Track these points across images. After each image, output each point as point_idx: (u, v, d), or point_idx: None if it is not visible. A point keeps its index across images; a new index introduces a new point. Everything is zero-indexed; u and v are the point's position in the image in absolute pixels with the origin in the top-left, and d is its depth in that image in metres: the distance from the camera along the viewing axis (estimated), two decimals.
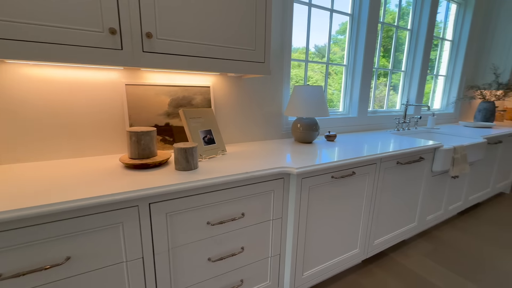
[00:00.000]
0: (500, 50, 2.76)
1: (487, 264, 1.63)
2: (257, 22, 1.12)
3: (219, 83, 1.40)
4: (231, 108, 1.47)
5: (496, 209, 2.41)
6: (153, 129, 1.03)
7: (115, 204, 0.77)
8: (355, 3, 1.96)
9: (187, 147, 0.96)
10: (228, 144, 1.49)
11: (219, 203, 0.97)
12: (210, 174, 0.93)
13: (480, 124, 2.57)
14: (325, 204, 1.24)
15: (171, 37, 0.95)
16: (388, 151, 1.37)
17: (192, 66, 1.00)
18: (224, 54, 1.07)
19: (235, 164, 1.07)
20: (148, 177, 0.88)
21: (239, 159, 1.16)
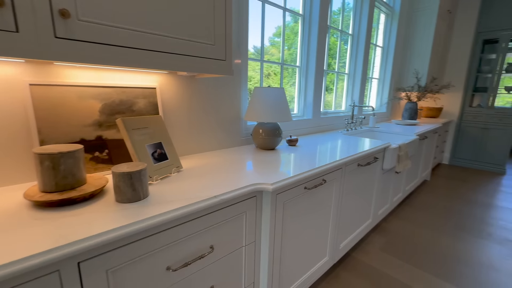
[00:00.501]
0: (419, 57, 3.19)
1: (427, 248, 1.81)
2: (216, 11, 0.92)
3: (168, 83, 1.15)
4: (183, 114, 1.23)
5: (423, 196, 2.77)
6: (78, 147, 0.74)
7: (16, 278, 0.48)
8: (305, 3, 1.93)
9: (132, 170, 0.71)
10: (183, 157, 1.25)
11: (181, 240, 0.75)
12: (166, 204, 0.71)
13: (408, 122, 2.92)
14: (299, 219, 1.13)
15: (101, 20, 0.68)
16: (352, 155, 1.36)
17: (133, 61, 0.75)
18: (177, 48, 0.84)
19: (196, 185, 0.86)
20: (75, 220, 0.61)
21: (200, 176, 0.96)
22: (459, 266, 1.64)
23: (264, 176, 0.98)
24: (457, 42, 3.81)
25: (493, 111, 3.62)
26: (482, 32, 3.60)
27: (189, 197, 0.76)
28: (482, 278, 1.54)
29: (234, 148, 1.47)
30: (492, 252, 1.79)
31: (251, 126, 1.60)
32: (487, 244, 1.89)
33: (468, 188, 3.02)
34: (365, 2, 2.47)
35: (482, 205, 2.55)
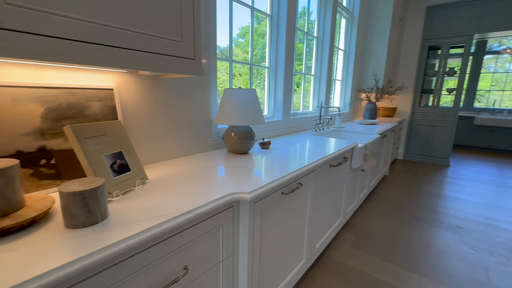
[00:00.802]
0: (377, 60, 3.41)
1: (391, 240, 1.93)
2: (183, 3, 0.83)
3: (128, 84, 1.02)
4: (147, 118, 1.11)
5: (384, 190, 2.97)
6: (12, 162, 0.59)
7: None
8: (273, 4, 1.91)
9: (86, 188, 0.59)
10: (148, 166, 1.12)
11: (150, 266, 0.65)
12: (131, 226, 0.60)
13: (369, 122, 3.10)
14: (277, 225, 1.09)
15: (39, 5, 0.55)
16: (325, 156, 1.37)
17: (82, 57, 0.63)
18: (137, 43, 0.73)
19: (165, 198, 0.77)
20: (8, 258, 0.48)
21: (169, 188, 0.86)
22: (420, 255, 1.76)
23: (240, 183, 0.92)
24: (407, 47, 4.18)
25: (438, 110, 4.04)
26: (427, 39, 4.00)
27: (158, 214, 0.67)
28: (439, 263, 1.67)
29: (205, 153, 1.38)
30: (446, 239, 1.97)
31: (222, 129, 1.52)
32: (440, 232, 2.08)
33: (420, 181, 3.32)
34: (328, 6, 2.55)
35: (433, 196, 2.82)
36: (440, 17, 3.86)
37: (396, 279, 1.53)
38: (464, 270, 1.62)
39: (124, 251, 0.56)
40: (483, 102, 5.72)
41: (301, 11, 2.37)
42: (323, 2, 2.56)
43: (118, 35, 0.69)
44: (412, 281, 1.52)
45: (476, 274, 1.59)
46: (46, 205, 0.63)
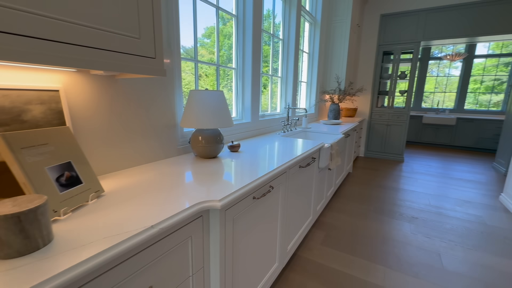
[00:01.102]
0: (338, 63, 3.59)
1: (358, 235, 2.02)
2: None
3: (77, 84, 0.90)
4: (102, 123, 0.99)
5: (349, 187, 3.12)
6: None
7: None
8: (238, 5, 1.88)
9: (22, 210, 0.49)
10: (105, 176, 1.01)
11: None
12: (82, 250, 0.52)
13: (333, 122, 3.24)
14: (249, 232, 1.06)
15: None
16: (294, 157, 1.38)
17: (17, 53, 0.53)
18: (87, 39, 0.65)
19: (125, 213, 0.69)
20: None
21: (129, 200, 0.77)
22: (383, 246, 1.87)
23: (210, 190, 0.87)
24: (365, 52, 4.47)
25: (392, 110, 4.39)
26: (382, 45, 4.32)
27: (115, 233, 0.59)
28: (400, 253, 1.79)
29: (171, 159, 1.29)
30: (404, 230, 2.13)
31: (189, 132, 1.44)
32: (399, 223, 2.24)
33: (380, 176, 3.56)
34: (293, 10, 2.60)
35: (392, 190, 3.04)
36: (392, 25, 4.20)
37: (364, 272, 1.60)
38: (421, 257, 1.76)
39: (74, 281, 0.48)
40: (429, 102, 6.38)
41: (266, 14, 2.38)
42: (288, 5, 2.60)
43: (61, 28, 0.59)
44: (378, 272, 1.60)
45: (431, 260, 1.74)
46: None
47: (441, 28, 3.87)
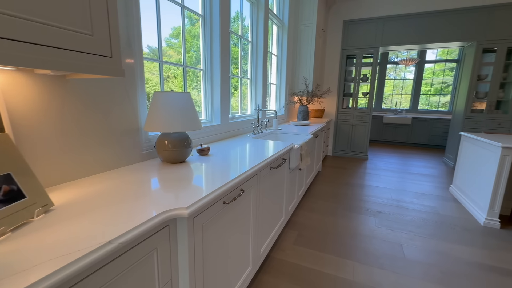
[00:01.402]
0: (306, 66, 3.70)
1: (328, 232, 2.09)
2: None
3: (18, 85, 0.79)
4: (52, 128, 0.89)
5: (319, 185, 3.23)
6: None
7: None
8: (205, 5, 1.84)
9: None
10: (55, 188, 0.90)
11: None
12: (21, 276, 0.45)
13: (303, 123, 3.32)
14: (220, 238, 1.03)
15: None
16: (265, 159, 1.37)
17: None
18: (29, 34, 0.57)
19: (77, 228, 0.62)
20: None
21: (84, 213, 0.70)
22: (352, 242, 1.96)
23: (178, 197, 0.82)
24: (330, 55, 4.67)
25: (356, 111, 4.64)
26: (345, 49, 4.56)
27: (66, 252, 0.52)
28: (367, 247, 1.89)
29: (135, 165, 1.21)
30: (370, 224, 2.25)
31: (154, 136, 1.37)
32: (366, 218, 2.37)
33: (347, 174, 3.74)
34: (260, 13, 2.62)
35: (358, 186, 3.21)
36: (354, 31, 4.45)
37: (335, 268, 1.65)
38: (385, 249, 1.88)
39: None
40: (388, 103, 6.88)
41: (234, 16, 2.37)
42: (256, 8, 2.62)
43: (11, 23, 0.51)
44: (348, 267, 1.66)
45: (394, 251, 1.85)
46: None
47: (396, 35, 4.20)
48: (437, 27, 3.95)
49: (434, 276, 1.59)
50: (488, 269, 1.67)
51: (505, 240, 2.02)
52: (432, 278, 1.58)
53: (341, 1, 4.43)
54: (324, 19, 4.21)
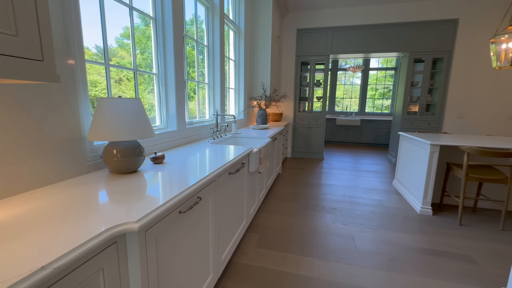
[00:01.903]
0: (263, 72, 3.80)
1: (289, 232, 2.17)
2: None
3: None
4: None
5: (279, 187, 3.32)
6: None
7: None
8: (156, 6, 1.77)
9: None
10: None
11: None
12: None
13: (262, 127, 3.40)
14: (176, 250, 0.99)
15: None
16: (223, 165, 1.37)
17: None
18: None
19: (3, 255, 0.54)
20: None
21: (12, 238, 0.61)
22: (310, 239, 2.06)
23: (129, 210, 0.77)
24: (286, 61, 4.88)
25: (312, 114, 4.92)
26: (300, 56, 4.81)
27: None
28: (324, 243, 2.00)
29: (79, 177, 1.09)
30: (326, 221, 2.39)
31: (101, 146, 1.26)
32: (322, 215, 2.51)
33: (305, 174, 3.93)
34: (216, 17, 2.62)
35: (315, 186, 3.39)
36: (307, 39, 4.72)
37: (295, 267, 1.71)
38: (340, 243, 2.01)
39: None
40: (340, 107, 7.43)
41: (191, 18, 2.32)
42: (211, 13, 2.61)
43: None
44: (307, 264, 1.74)
45: (347, 244, 2.00)
46: None
47: (343, 44, 4.57)
48: (377, 38, 4.42)
49: (382, 264, 1.76)
50: (425, 252, 1.91)
51: (436, 225, 2.33)
52: (380, 265, 1.74)
53: (294, 11, 4.67)
54: (279, 26, 4.39)
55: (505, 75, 4.06)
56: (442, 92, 4.30)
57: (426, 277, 1.63)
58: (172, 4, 1.79)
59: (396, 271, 1.68)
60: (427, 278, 1.62)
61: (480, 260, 1.81)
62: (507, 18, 3.93)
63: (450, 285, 1.56)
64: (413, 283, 1.57)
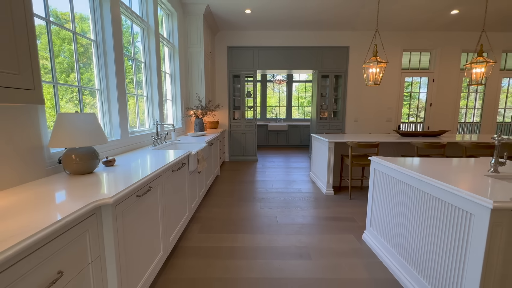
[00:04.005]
0: (198, 84, 4.19)
1: (228, 218, 2.62)
2: (18, 43, 0.91)
3: None
4: None
5: (218, 186, 3.75)
6: None
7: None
8: (97, 30, 2.01)
9: None
10: None
11: (24, 276, 0.74)
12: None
13: (199, 134, 3.78)
14: (136, 225, 1.32)
15: None
16: (167, 163, 1.74)
17: None
18: None
19: (28, 218, 0.83)
20: None
21: (13, 216, 0.89)
22: (244, 222, 2.55)
23: (99, 193, 1.09)
24: (219, 75, 5.38)
25: (245, 121, 5.53)
26: (231, 70, 5.39)
27: (35, 226, 0.76)
28: (254, 223, 2.53)
29: (41, 179, 1.31)
30: (257, 207, 2.94)
31: (56, 153, 1.47)
32: (254, 204, 3.05)
33: (241, 174, 4.46)
34: (151, 37, 2.92)
35: (250, 182, 3.94)
36: (237, 55, 5.35)
37: (230, 242, 2.17)
38: (266, 221, 2.57)
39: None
40: (275, 114, 8.35)
41: (128, 38, 2.57)
42: (146, 33, 2.89)
43: None
44: (239, 239, 2.22)
45: (271, 220, 2.57)
46: None
47: (268, 61, 5.37)
48: (294, 58, 5.36)
49: (295, 230, 2.38)
50: (329, 219, 2.63)
51: (335, 201, 3.15)
52: (293, 231, 2.36)
53: (224, 30, 5.24)
54: (211, 43, 4.87)
55: (381, 89, 5.51)
56: (343, 101, 5.51)
57: (324, 234, 2.31)
58: (112, 27, 2.05)
59: (304, 234, 2.32)
60: (324, 234, 2.30)
61: (357, 219, 2.63)
62: (372, 49, 5.37)
63: (338, 236, 2.27)
64: (314, 238, 2.22)
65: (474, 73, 3.62)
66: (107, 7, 2.03)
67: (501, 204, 1.02)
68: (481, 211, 1.08)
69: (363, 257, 1.96)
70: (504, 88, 5.76)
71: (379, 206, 1.99)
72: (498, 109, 5.73)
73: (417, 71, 5.58)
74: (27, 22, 0.94)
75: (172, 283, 1.65)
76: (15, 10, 0.90)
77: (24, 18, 0.93)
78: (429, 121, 5.71)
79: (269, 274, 1.75)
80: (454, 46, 5.36)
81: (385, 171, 1.89)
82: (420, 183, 1.49)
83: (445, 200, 1.29)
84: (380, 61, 3.50)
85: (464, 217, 1.17)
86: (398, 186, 1.73)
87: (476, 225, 1.11)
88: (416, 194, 1.53)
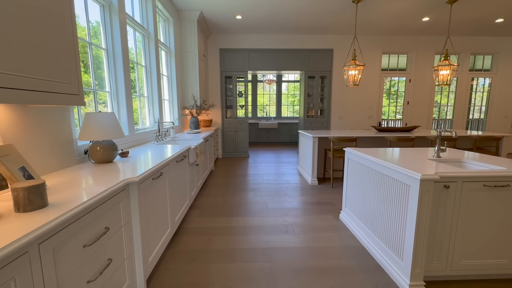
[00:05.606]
0: (193, 85, 4.49)
1: (224, 205, 2.95)
2: (69, 57, 1.22)
3: (12, 115, 1.17)
4: (23, 139, 1.26)
5: (213, 179, 4.07)
6: None
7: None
8: (107, 40, 2.30)
9: (39, 183, 0.92)
10: None
11: (87, 226, 1.06)
12: (69, 204, 1.01)
13: (195, 131, 4.08)
14: (152, 201, 1.64)
15: None
16: (172, 155, 2.06)
17: None
18: (35, 86, 1.07)
19: (73, 190, 1.15)
20: (25, 224, 0.79)
21: (70, 188, 1.20)
22: (238, 207, 2.89)
23: (125, 175, 1.41)
24: (212, 76, 5.69)
25: (237, 120, 5.86)
26: (223, 71, 5.70)
27: (79, 196, 1.08)
28: (246, 208, 2.87)
29: (75, 166, 1.61)
30: (249, 196, 3.28)
31: (82, 146, 1.77)
32: (246, 193, 3.39)
33: (234, 169, 4.79)
34: (151, 43, 3.21)
35: (242, 176, 4.28)
36: (229, 57, 5.66)
37: (225, 222, 2.51)
38: (257, 207, 2.92)
39: (69, 218, 0.97)
40: (266, 112, 8.70)
41: (131, 46, 2.85)
42: (147, 39, 3.18)
43: (26, 82, 1.01)
44: (233, 220, 2.56)
45: (262, 206, 2.93)
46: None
47: (258, 63, 5.71)
48: (282, 59, 5.72)
49: (282, 213, 2.74)
50: (312, 203, 3.00)
51: (319, 190, 3.54)
52: (280, 214, 2.72)
53: (215, 33, 5.54)
54: (204, 46, 5.17)
55: (363, 89, 5.95)
56: (328, 100, 5.92)
57: (307, 215, 2.68)
58: (121, 36, 2.35)
59: (290, 215, 2.68)
60: (307, 216, 2.67)
61: (337, 204, 3.02)
62: (352, 53, 5.81)
63: (319, 216, 2.65)
64: (299, 218, 2.59)
65: (441, 74, 4.08)
66: (115, 19, 2.32)
67: (427, 176, 1.40)
68: (414, 182, 1.46)
69: (338, 231, 2.34)
70: (474, 87, 6.31)
71: (352, 189, 2.37)
72: (468, 106, 6.28)
73: (395, 72, 6.05)
74: (75, 45, 1.25)
75: (179, 254, 1.98)
76: (69, 37, 1.21)
77: (73, 43, 1.24)
78: (407, 118, 6.20)
79: (260, 245, 2.10)
80: (428, 49, 5.85)
81: (356, 159, 2.27)
82: (380, 166, 1.87)
83: (394, 178, 1.67)
84: (358, 64, 3.91)
85: (405, 188, 1.56)
86: (365, 171, 2.11)
87: (411, 193, 1.49)
88: (377, 176, 1.91)
